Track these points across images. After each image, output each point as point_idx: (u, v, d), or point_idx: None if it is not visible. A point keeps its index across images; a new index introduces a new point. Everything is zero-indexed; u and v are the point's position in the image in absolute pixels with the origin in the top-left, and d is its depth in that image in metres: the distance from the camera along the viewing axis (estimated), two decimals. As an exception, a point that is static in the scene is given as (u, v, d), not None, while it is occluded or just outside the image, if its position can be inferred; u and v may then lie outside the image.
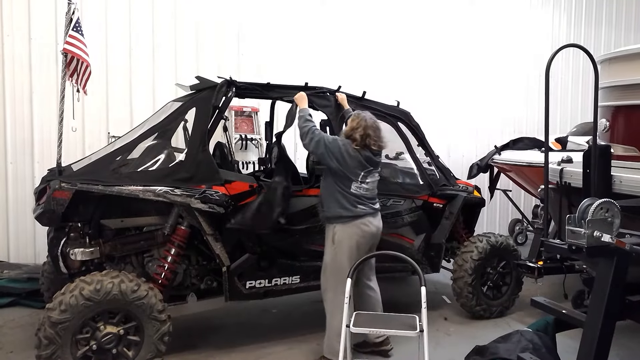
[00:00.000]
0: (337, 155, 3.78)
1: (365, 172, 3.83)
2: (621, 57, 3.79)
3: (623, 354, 4.09)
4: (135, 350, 3.52)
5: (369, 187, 3.89)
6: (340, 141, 3.84)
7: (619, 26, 9.97)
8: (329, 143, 3.81)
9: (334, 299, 3.80)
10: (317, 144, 3.81)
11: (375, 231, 3.92)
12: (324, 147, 3.80)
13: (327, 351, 3.83)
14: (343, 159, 3.77)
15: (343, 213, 3.81)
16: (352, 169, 3.79)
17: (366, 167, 3.83)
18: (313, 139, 3.83)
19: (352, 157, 3.78)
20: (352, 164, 3.79)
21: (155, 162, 3.92)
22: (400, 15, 7.98)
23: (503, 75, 8.84)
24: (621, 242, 2.68)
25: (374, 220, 3.92)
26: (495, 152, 6.94)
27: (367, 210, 3.86)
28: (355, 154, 3.79)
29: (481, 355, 3.40)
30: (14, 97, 5.86)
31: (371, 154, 3.85)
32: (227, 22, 6.89)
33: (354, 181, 3.81)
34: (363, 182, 3.84)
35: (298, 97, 4.18)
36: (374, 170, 3.91)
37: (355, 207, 3.81)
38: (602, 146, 3.49)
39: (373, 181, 3.93)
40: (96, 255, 3.75)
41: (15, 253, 5.92)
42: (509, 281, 5.09)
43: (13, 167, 5.90)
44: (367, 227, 3.85)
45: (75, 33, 3.84)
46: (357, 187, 3.82)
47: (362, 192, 3.84)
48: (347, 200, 3.81)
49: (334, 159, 3.78)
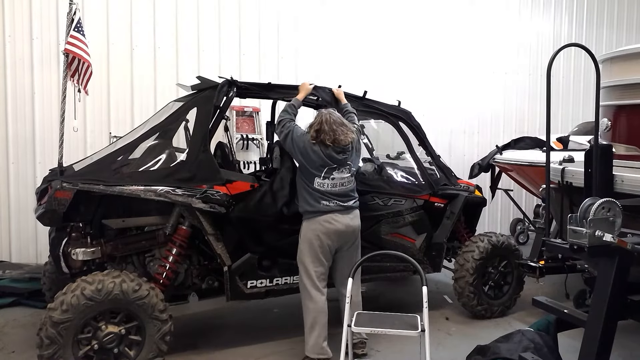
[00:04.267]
0: (302, 149, 3.80)
1: (328, 168, 3.79)
2: (623, 56, 3.78)
3: (625, 353, 4.08)
4: (137, 350, 3.52)
5: (335, 182, 3.81)
6: (307, 136, 3.83)
7: (620, 26, 9.95)
8: (296, 137, 3.84)
9: (301, 295, 3.90)
10: (285, 137, 3.88)
11: (343, 229, 3.82)
12: (290, 140, 3.85)
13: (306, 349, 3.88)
14: (307, 154, 3.78)
15: (307, 208, 3.83)
16: (315, 165, 3.77)
17: (328, 164, 3.78)
18: (283, 131, 3.89)
19: (315, 152, 3.76)
20: (315, 159, 3.77)
21: (156, 162, 3.92)
22: (401, 14, 7.98)
23: (504, 75, 8.83)
24: (623, 242, 2.68)
25: (342, 218, 3.82)
26: (497, 151, 6.93)
27: (332, 207, 3.79)
28: (318, 151, 3.76)
29: (483, 355, 3.40)
30: (16, 97, 5.88)
31: (333, 151, 3.77)
32: (228, 22, 6.89)
33: (316, 176, 3.78)
34: (327, 178, 3.78)
35: (302, 86, 4.25)
36: (339, 167, 3.82)
37: (319, 202, 3.78)
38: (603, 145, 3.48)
39: (342, 177, 3.84)
40: (97, 255, 3.76)
41: (17, 253, 5.93)
42: (510, 281, 5.08)
43: (15, 167, 5.92)
44: (331, 224, 3.78)
45: (76, 33, 3.84)
46: (320, 183, 3.79)
47: (326, 188, 3.79)
48: (310, 195, 3.81)
49: (299, 153, 3.82)
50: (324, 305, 3.86)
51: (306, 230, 3.85)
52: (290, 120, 3.96)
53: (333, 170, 3.80)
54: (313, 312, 3.82)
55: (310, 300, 3.84)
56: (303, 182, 3.86)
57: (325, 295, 3.88)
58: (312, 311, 3.83)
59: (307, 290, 3.85)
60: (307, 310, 3.86)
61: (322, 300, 3.86)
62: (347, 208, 3.86)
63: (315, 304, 3.83)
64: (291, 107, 4.04)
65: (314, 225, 3.80)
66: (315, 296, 3.83)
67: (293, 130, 3.87)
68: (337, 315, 3.89)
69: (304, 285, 3.87)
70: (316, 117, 3.85)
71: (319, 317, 3.81)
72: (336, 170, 3.81)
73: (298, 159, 3.87)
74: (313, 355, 3.81)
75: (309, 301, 3.85)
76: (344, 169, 3.86)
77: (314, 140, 3.77)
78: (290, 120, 3.95)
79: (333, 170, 3.81)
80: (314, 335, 3.81)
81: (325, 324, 3.84)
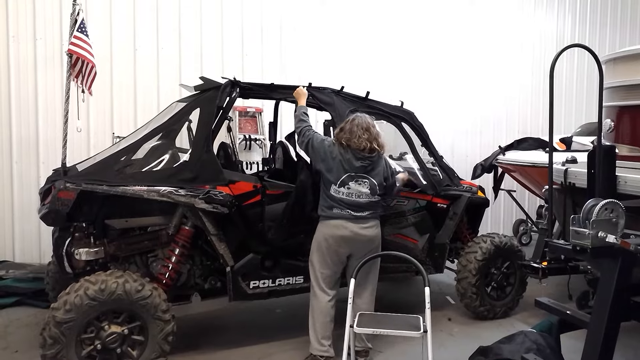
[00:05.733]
0: (323, 156, 3.83)
1: (346, 176, 3.77)
2: (626, 57, 3.78)
3: (628, 354, 4.07)
4: (140, 350, 3.53)
5: (351, 192, 3.77)
6: (327, 142, 3.87)
7: (623, 26, 9.93)
8: (316, 144, 3.87)
9: (311, 294, 3.94)
10: (306, 145, 3.93)
11: (352, 236, 3.78)
12: (311, 148, 3.89)
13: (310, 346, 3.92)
14: (326, 160, 3.81)
15: (321, 213, 3.87)
16: (333, 172, 3.78)
17: (346, 171, 3.77)
18: (304, 141, 3.93)
19: (334, 159, 3.79)
20: (334, 166, 3.78)
21: (159, 162, 3.93)
22: (404, 14, 7.98)
23: (507, 76, 8.82)
24: (626, 243, 2.67)
25: (352, 226, 3.77)
26: (500, 152, 6.92)
27: (344, 214, 3.78)
28: (338, 156, 3.78)
29: (485, 356, 3.39)
30: (19, 98, 5.89)
31: (352, 156, 3.76)
32: (230, 23, 6.90)
33: (333, 184, 3.79)
34: (343, 187, 3.77)
35: (297, 93, 4.21)
36: (357, 177, 3.77)
37: (331, 209, 3.81)
38: (606, 146, 3.47)
39: (359, 191, 3.77)
40: (101, 255, 3.76)
41: (20, 253, 5.95)
42: (513, 282, 5.07)
43: (18, 167, 5.93)
44: (340, 230, 3.77)
45: (80, 34, 3.86)
46: (335, 190, 3.79)
47: (340, 196, 3.78)
48: (325, 201, 3.85)
49: (320, 160, 3.85)
50: (326, 306, 3.87)
51: (318, 232, 3.89)
52: (309, 128, 3.99)
53: (350, 180, 3.78)
54: (314, 311, 3.90)
55: (314, 299, 3.92)
56: (322, 187, 3.90)
57: (330, 296, 3.89)
58: (314, 309, 3.90)
59: (313, 289, 3.93)
60: (311, 308, 3.94)
61: (325, 300, 3.87)
62: (358, 217, 3.80)
63: (319, 303, 3.88)
64: (304, 115, 4.05)
65: (324, 229, 3.84)
66: (319, 295, 3.88)
67: (313, 138, 3.90)
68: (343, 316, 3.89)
69: (312, 283, 3.95)
70: (345, 122, 3.89)
71: (319, 316, 3.86)
72: (354, 181, 3.78)
73: (318, 166, 3.88)
74: (315, 352, 3.86)
75: (314, 299, 3.92)
76: (362, 181, 3.79)
77: (335, 140, 3.83)
78: (309, 129, 3.97)
79: (351, 180, 3.78)
80: (314, 334, 3.87)
81: (325, 324, 3.86)
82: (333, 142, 3.87)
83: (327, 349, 3.85)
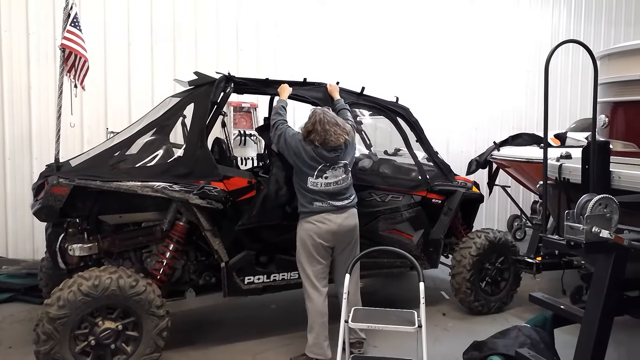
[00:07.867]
0: (295, 149, 3.78)
1: (321, 167, 3.75)
2: (621, 52, 3.78)
3: (621, 349, 4.10)
4: (134, 346, 3.52)
5: (330, 182, 3.77)
6: (299, 136, 3.82)
7: (618, 22, 9.95)
8: (288, 137, 3.83)
9: (305, 296, 3.89)
10: (278, 138, 3.88)
11: (336, 228, 3.77)
12: (283, 141, 3.84)
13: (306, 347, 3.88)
14: (299, 154, 3.76)
15: (301, 209, 3.83)
16: (307, 164, 3.74)
17: (320, 162, 3.74)
18: (276, 133, 3.90)
19: (306, 152, 3.75)
20: (307, 158, 3.74)
21: (153, 157, 3.91)
22: (400, 10, 7.96)
23: (502, 71, 8.82)
24: (619, 238, 2.68)
25: (335, 217, 3.77)
26: (494, 148, 6.92)
27: (325, 207, 3.76)
28: (310, 151, 3.74)
29: (479, 351, 3.41)
30: (12, 93, 5.84)
31: (323, 150, 3.73)
32: (226, 17, 6.86)
33: (309, 176, 3.75)
34: (320, 177, 3.75)
35: (280, 89, 4.20)
36: (332, 166, 3.77)
37: (312, 203, 3.77)
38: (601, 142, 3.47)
39: (336, 177, 3.78)
40: (94, 251, 3.75)
41: (13, 249, 5.91)
42: (507, 277, 5.09)
43: (11, 163, 5.89)
44: (324, 224, 3.75)
45: (73, 28, 3.83)
46: (314, 183, 3.75)
47: (320, 188, 3.76)
48: (303, 196, 3.80)
49: (292, 154, 3.80)
50: (322, 306, 3.85)
51: (300, 230, 3.84)
52: (283, 122, 3.95)
53: (327, 169, 3.76)
54: (311, 313, 3.84)
55: (309, 301, 3.86)
56: (297, 182, 3.84)
57: (324, 294, 3.87)
58: (311, 312, 3.85)
59: (306, 291, 3.87)
60: (307, 310, 3.88)
61: (320, 300, 3.84)
62: (340, 208, 3.81)
63: (314, 305, 3.83)
64: (282, 109, 4.03)
65: (307, 225, 3.79)
66: (314, 296, 3.83)
67: (285, 132, 3.87)
68: (337, 311, 3.89)
69: (304, 285, 3.89)
70: (310, 117, 3.80)
71: (317, 318, 3.82)
72: (330, 169, 3.77)
73: (292, 160, 3.83)
74: (311, 355, 3.82)
75: (308, 301, 3.87)
76: (338, 167, 3.80)
77: (304, 140, 3.76)
78: (282, 122, 3.94)
79: (327, 169, 3.76)
80: (312, 335, 3.82)
81: (322, 324, 3.84)
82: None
83: (324, 351, 3.82)
